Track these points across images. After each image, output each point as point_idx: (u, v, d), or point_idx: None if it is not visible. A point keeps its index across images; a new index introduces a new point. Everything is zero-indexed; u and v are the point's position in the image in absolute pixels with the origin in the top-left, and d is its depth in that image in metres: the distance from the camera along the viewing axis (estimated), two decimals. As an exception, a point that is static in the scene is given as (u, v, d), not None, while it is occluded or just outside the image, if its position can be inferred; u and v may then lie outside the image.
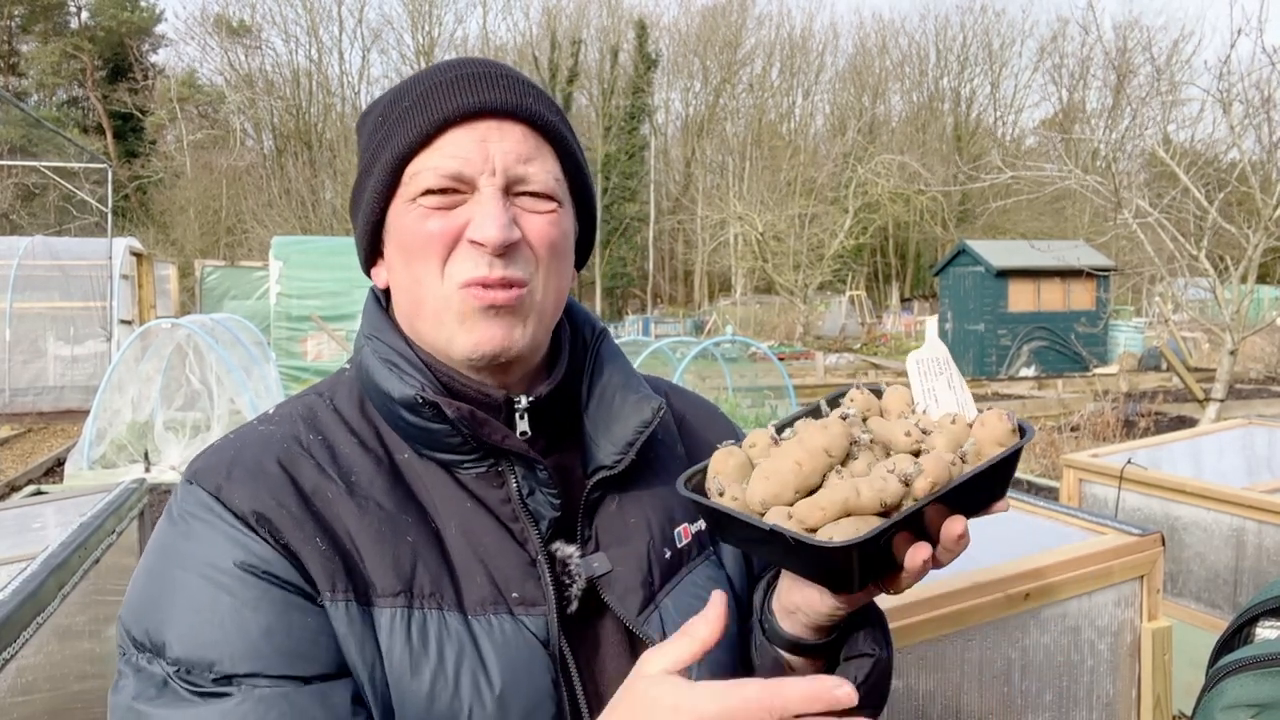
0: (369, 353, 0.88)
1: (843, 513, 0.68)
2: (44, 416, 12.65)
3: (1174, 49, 22.82)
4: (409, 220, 0.84)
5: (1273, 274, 23.90)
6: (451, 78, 0.85)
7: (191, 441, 7.54)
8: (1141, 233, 8.33)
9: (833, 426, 0.75)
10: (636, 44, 43.08)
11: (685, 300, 43.03)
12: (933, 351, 0.82)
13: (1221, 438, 3.84)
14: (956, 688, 1.89)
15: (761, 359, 11.56)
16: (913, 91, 48.08)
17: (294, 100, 41.50)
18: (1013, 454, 0.74)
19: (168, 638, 0.73)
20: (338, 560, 0.77)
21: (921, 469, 0.70)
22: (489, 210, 0.82)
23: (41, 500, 3.16)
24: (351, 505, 0.81)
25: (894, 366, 19.84)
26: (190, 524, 0.78)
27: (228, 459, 0.82)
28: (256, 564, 0.76)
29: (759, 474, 0.73)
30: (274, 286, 12.77)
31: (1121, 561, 2.00)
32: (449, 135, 0.83)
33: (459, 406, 0.82)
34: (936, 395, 0.80)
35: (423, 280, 0.84)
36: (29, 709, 1.59)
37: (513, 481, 0.85)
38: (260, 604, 0.74)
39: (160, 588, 0.76)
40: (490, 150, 0.83)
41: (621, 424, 0.90)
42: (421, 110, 0.83)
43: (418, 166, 0.83)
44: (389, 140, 0.85)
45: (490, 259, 0.82)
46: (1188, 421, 9.54)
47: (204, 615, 0.73)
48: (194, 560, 0.76)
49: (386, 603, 0.77)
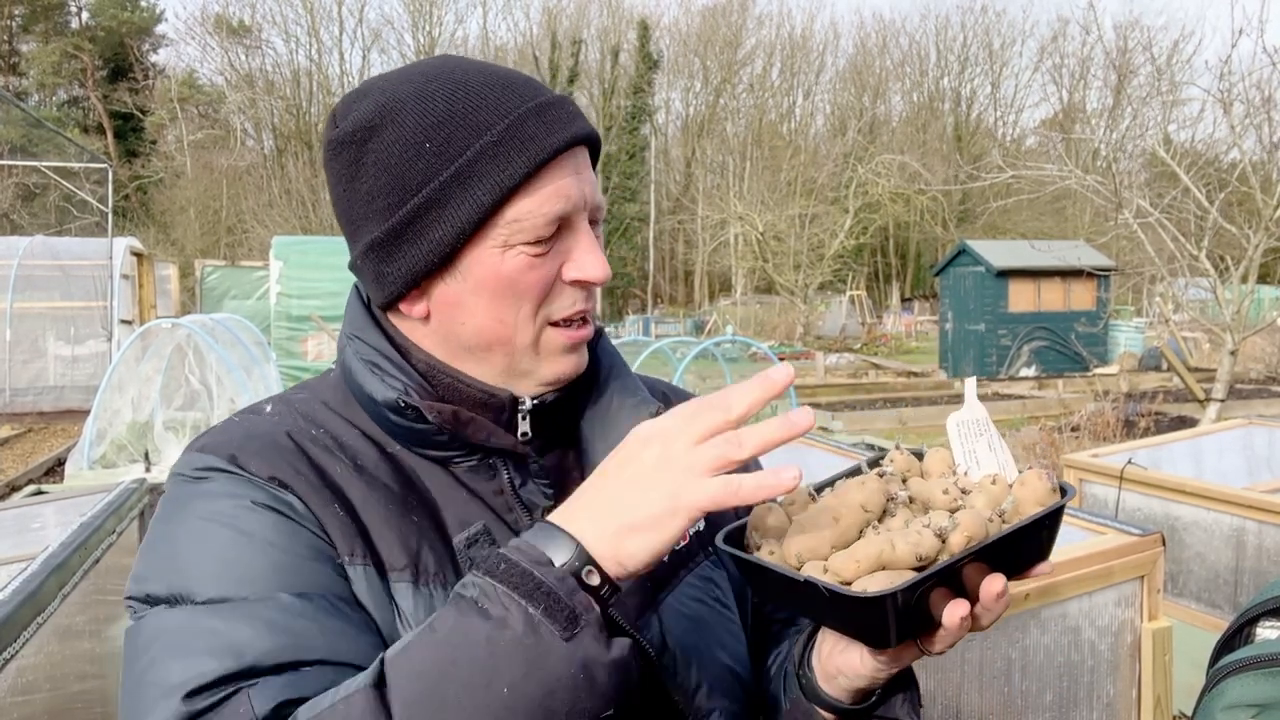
0: (350, 354, 0.87)
1: (877, 566, 0.69)
2: (44, 416, 12.65)
3: (1174, 49, 22.83)
4: (507, 267, 0.79)
5: (1273, 274, 23.88)
6: (534, 106, 0.80)
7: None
8: (1142, 233, 8.33)
9: (869, 483, 0.75)
10: (637, 44, 43.07)
11: (685, 300, 43.04)
12: (973, 413, 0.82)
13: (1221, 438, 3.84)
14: (956, 688, 1.89)
15: (762, 359, 11.57)
16: (913, 91, 48.14)
17: (294, 100, 41.52)
18: (1053, 513, 0.74)
19: (194, 587, 0.72)
20: (354, 529, 0.78)
21: (957, 524, 0.70)
22: (594, 253, 0.82)
23: (41, 500, 3.16)
24: (360, 483, 0.81)
25: (894, 366, 19.84)
26: (207, 482, 0.78)
27: (239, 434, 0.82)
28: (282, 509, 0.76)
29: (795, 528, 0.74)
30: (274, 286, 12.78)
31: (1122, 561, 2.00)
32: (548, 174, 0.78)
33: (439, 410, 0.81)
34: (978, 457, 0.80)
35: (508, 321, 0.82)
36: (29, 709, 1.59)
37: (504, 474, 0.85)
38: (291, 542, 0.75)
39: (178, 542, 0.75)
40: (583, 186, 0.81)
41: (618, 428, 0.88)
42: (518, 147, 0.77)
43: (520, 212, 0.78)
44: (473, 177, 0.77)
45: (586, 296, 0.84)
46: (1188, 421, 9.53)
47: (232, 553, 0.73)
48: (215, 510, 0.76)
49: (395, 575, 0.78)
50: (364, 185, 0.81)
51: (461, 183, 0.77)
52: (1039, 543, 0.76)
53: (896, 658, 0.76)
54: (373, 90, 0.82)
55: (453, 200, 0.78)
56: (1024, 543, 0.74)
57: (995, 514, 0.73)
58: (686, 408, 0.69)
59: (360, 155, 0.80)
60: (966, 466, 0.80)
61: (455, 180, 0.77)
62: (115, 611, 2.35)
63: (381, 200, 0.80)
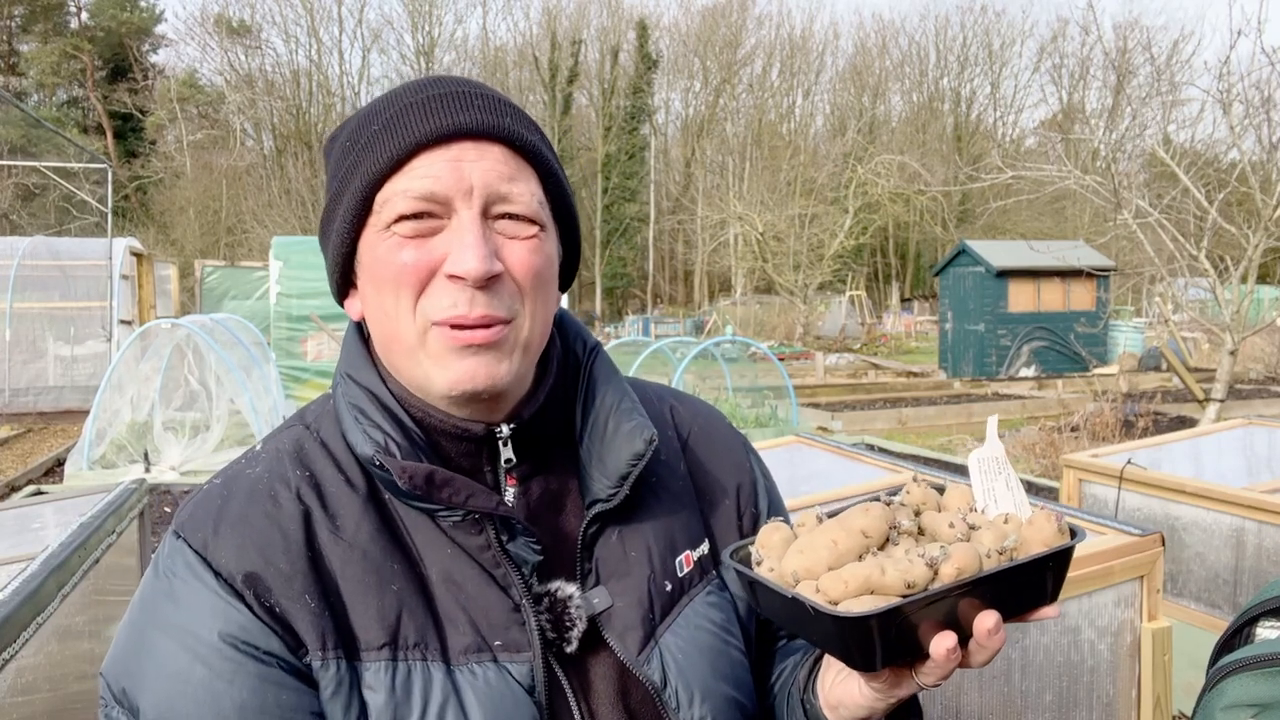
0: (339, 395, 0.86)
1: (865, 589, 0.69)
2: (44, 416, 12.65)
3: (1174, 49, 22.80)
4: (381, 250, 0.79)
5: (1273, 274, 23.90)
6: (423, 99, 0.80)
7: (191, 441, 7.55)
8: (1141, 233, 8.33)
9: (873, 510, 0.76)
10: (637, 44, 43.10)
11: (685, 300, 43.03)
12: (992, 451, 0.82)
13: (1221, 438, 3.84)
14: (957, 688, 1.89)
15: (761, 359, 11.56)
16: (913, 91, 48.13)
17: (294, 100, 41.51)
18: (1057, 555, 0.74)
19: (142, 703, 0.73)
20: (327, 616, 0.76)
21: (948, 555, 0.71)
22: (468, 239, 0.76)
23: (41, 500, 3.17)
24: (338, 552, 0.79)
25: (893, 366, 19.84)
26: (174, 584, 0.77)
27: (214, 511, 0.80)
28: (237, 634, 0.74)
29: (795, 547, 0.75)
30: (274, 286, 12.77)
31: (1121, 562, 2.00)
32: (421, 158, 0.78)
33: (412, 474, 0.78)
34: (996, 496, 0.81)
35: (394, 315, 0.79)
36: (29, 709, 1.59)
37: (490, 530, 0.82)
38: (236, 677, 0.73)
39: (139, 647, 0.76)
40: (466, 170, 0.78)
41: (614, 455, 0.87)
42: (391, 133, 0.79)
43: (389, 192, 0.78)
44: (358, 165, 0.80)
45: (471, 294, 0.77)
46: (1188, 421, 9.54)
47: (178, 685, 0.73)
48: (174, 626, 0.75)
49: (371, 656, 0.76)
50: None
51: (350, 172, 0.81)
52: (1042, 585, 0.75)
53: (892, 687, 0.75)
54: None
55: (345, 190, 0.81)
56: (1024, 583, 0.73)
57: (995, 550, 0.73)
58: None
59: (327, 162, 0.87)
60: (985, 504, 0.80)
61: (349, 171, 0.81)
62: (115, 612, 2.35)
63: (326, 199, 0.85)
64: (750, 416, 9.46)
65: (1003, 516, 0.77)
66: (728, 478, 1.01)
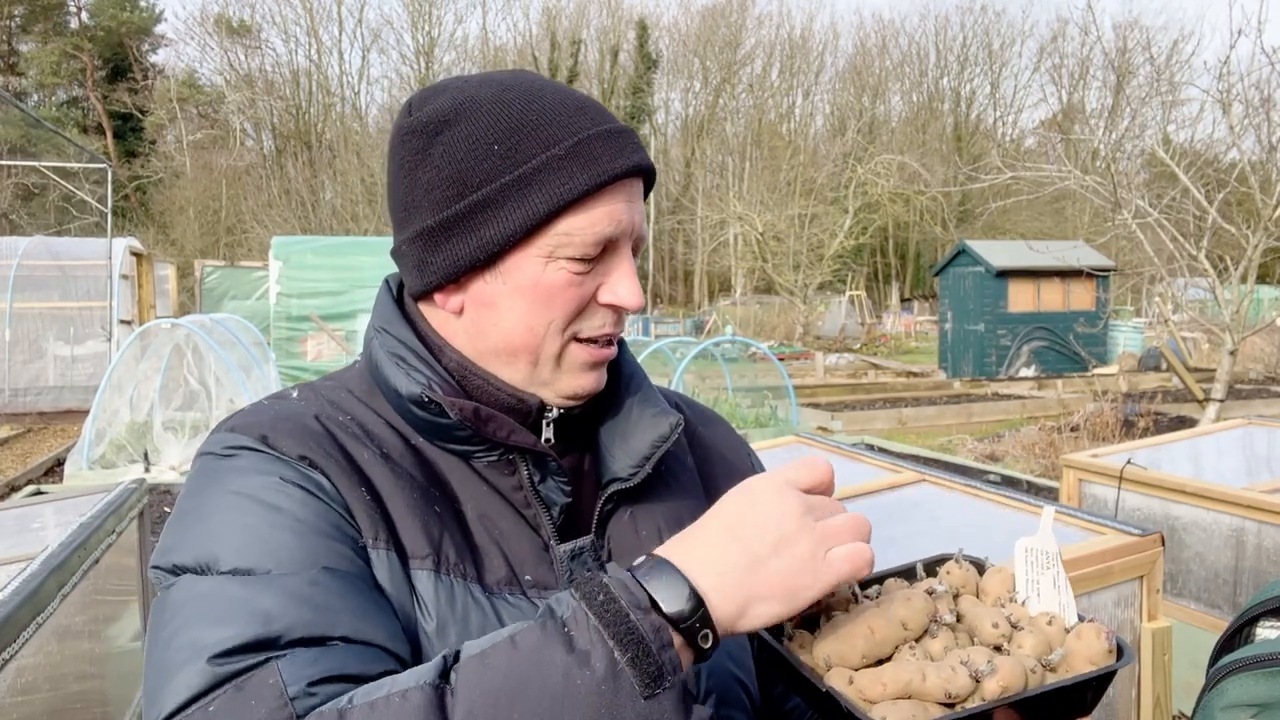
0: (377, 346, 0.88)
1: (904, 693, 0.66)
2: (44, 416, 12.65)
3: (1174, 49, 22.81)
4: (548, 278, 0.82)
5: (1272, 274, 23.92)
6: (603, 132, 0.83)
7: (191, 441, 7.54)
8: (1141, 233, 8.33)
9: (915, 600, 0.72)
10: (636, 44, 43.12)
11: (685, 300, 43.04)
12: (1044, 544, 0.78)
13: (1221, 438, 3.84)
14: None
15: (761, 359, 11.56)
16: (913, 91, 48.15)
17: (294, 100, 41.52)
18: (1103, 676, 0.70)
19: (220, 555, 0.73)
20: (379, 516, 0.79)
21: (995, 669, 0.67)
22: (632, 280, 0.85)
23: (41, 500, 3.17)
24: (386, 470, 0.82)
25: (893, 366, 19.84)
26: (240, 455, 0.79)
27: (269, 415, 0.83)
28: (311, 486, 0.77)
29: (829, 630, 0.72)
30: (274, 286, 12.78)
31: (1121, 561, 2.00)
32: (604, 196, 0.81)
33: (461, 406, 0.82)
34: (1039, 589, 0.77)
35: (537, 331, 0.84)
36: (29, 709, 1.59)
37: (524, 470, 0.86)
38: (308, 502, 0.76)
39: (209, 512, 0.76)
40: (632, 212, 0.84)
41: (638, 437, 0.90)
42: (582, 165, 0.80)
43: (572, 226, 0.80)
44: (534, 185, 0.80)
45: (616, 320, 0.86)
46: (1187, 422, 9.54)
47: (258, 529, 0.74)
48: (241, 486, 0.77)
49: (417, 564, 0.79)
50: (426, 175, 0.83)
51: (521, 188, 0.80)
52: (1083, 701, 0.71)
53: None
54: (451, 87, 0.86)
55: (509, 203, 0.80)
56: (1066, 701, 0.69)
57: (1041, 663, 0.69)
58: (798, 474, 0.72)
59: (428, 146, 0.83)
60: (1026, 595, 0.77)
61: (516, 184, 0.80)
62: (115, 611, 2.35)
63: (440, 191, 0.83)
64: (750, 416, 9.46)
65: (1046, 617, 0.74)
66: (732, 476, 1.01)
